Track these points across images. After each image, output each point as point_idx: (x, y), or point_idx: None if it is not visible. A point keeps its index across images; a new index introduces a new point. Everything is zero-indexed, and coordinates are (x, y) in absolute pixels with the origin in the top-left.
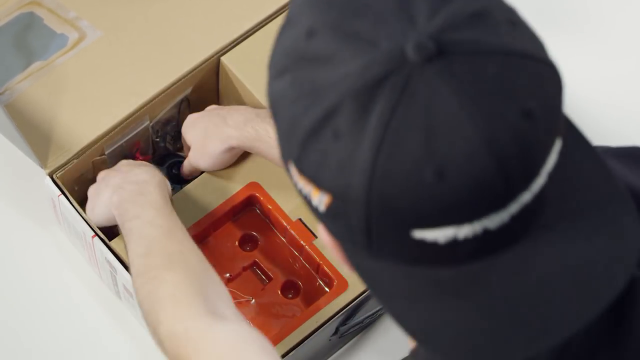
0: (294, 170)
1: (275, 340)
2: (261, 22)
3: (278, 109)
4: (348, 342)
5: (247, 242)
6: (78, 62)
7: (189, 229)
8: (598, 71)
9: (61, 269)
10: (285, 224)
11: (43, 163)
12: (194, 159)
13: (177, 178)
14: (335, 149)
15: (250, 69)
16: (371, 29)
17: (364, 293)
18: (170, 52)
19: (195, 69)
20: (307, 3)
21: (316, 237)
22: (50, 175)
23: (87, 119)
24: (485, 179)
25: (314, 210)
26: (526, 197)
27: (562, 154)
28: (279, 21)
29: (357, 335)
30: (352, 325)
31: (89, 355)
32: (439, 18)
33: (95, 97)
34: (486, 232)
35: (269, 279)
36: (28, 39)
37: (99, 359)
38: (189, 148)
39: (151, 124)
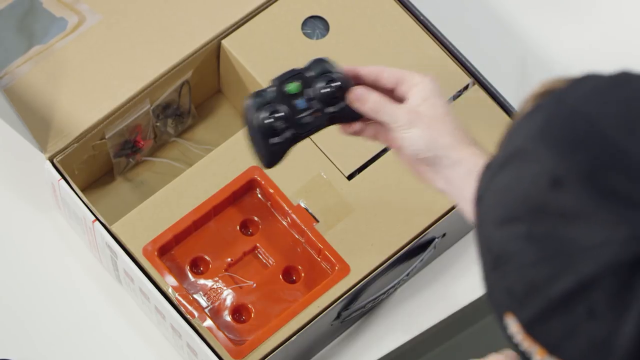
0: (514, 325)
1: (277, 326)
2: (262, 5)
3: (507, 264)
4: (350, 327)
5: (248, 226)
6: (78, 46)
7: (189, 214)
8: (604, 53)
9: (61, 254)
10: (286, 208)
11: (43, 147)
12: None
13: (331, 99)
14: (588, 328)
15: (251, 52)
16: (631, 186)
17: (366, 278)
18: (171, 36)
19: (195, 52)
20: (544, 137)
21: (317, 221)
22: (50, 160)
23: (87, 102)
24: None
25: None
26: None
27: None
28: (280, 5)
29: (359, 320)
30: (354, 310)
31: (89, 339)
32: None
33: (95, 81)
34: None
35: (271, 263)
36: (27, 23)
37: (98, 344)
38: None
39: (152, 108)
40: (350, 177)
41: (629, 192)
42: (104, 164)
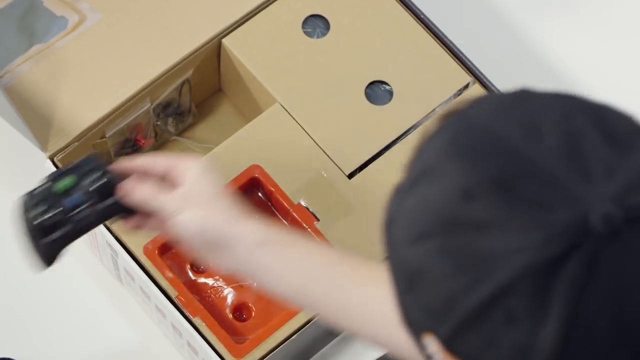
0: (433, 344)
1: (278, 324)
2: (263, 4)
3: (423, 280)
4: None
5: None
6: (78, 45)
7: None
8: (604, 53)
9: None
10: (287, 206)
11: (43, 146)
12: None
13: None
14: (508, 333)
15: (251, 51)
16: (541, 191)
17: None
18: (171, 34)
19: (196, 51)
20: (452, 152)
21: (318, 219)
22: (51, 159)
23: (87, 101)
24: None
25: None
26: None
27: None
28: (281, 3)
29: None
30: None
31: (90, 338)
32: (620, 174)
33: (95, 79)
34: None
35: None
36: (28, 22)
37: (100, 343)
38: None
39: (152, 107)
40: (350, 175)
41: (539, 197)
42: (104, 163)
